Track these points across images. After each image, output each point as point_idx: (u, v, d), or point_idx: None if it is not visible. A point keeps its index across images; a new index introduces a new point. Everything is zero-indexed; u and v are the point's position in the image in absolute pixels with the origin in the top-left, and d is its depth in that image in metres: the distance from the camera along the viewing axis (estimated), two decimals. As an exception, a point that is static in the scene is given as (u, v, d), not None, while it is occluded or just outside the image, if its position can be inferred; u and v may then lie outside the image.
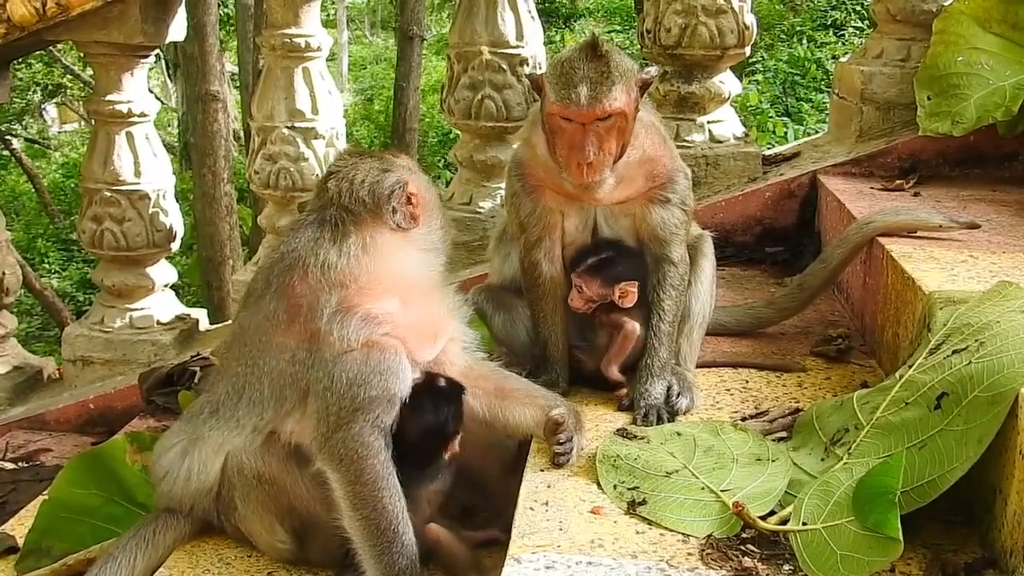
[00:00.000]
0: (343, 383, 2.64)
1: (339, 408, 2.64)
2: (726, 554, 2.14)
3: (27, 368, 5.23)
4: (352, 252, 2.71)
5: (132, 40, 4.70)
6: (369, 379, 2.64)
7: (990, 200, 3.93)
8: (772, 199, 4.53)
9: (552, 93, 2.83)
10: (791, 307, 3.58)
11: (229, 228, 12.63)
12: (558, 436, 2.63)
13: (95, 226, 4.99)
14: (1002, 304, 2.38)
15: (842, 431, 2.43)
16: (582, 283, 3.02)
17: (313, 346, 2.69)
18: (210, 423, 2.89)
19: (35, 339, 16.16)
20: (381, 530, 2.63)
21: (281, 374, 2.75)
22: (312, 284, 2.70)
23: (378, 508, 2.63)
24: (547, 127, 2.91)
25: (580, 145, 2.80)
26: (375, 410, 2.64)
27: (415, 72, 16.04)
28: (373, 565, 2.65)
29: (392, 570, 2.63)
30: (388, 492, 2.65)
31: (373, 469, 2.63)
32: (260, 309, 2.81)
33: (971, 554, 2.14)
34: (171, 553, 2.99)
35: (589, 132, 2.80)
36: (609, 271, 3.01)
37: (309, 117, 4.78)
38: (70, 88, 22.69)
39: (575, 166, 2.82)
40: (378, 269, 2.73)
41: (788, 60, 15.93)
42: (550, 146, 2.92)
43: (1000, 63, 4.02)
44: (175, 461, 2.94)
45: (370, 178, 2.79)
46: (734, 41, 4.56)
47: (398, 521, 2.65)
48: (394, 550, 2.63)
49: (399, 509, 2.66)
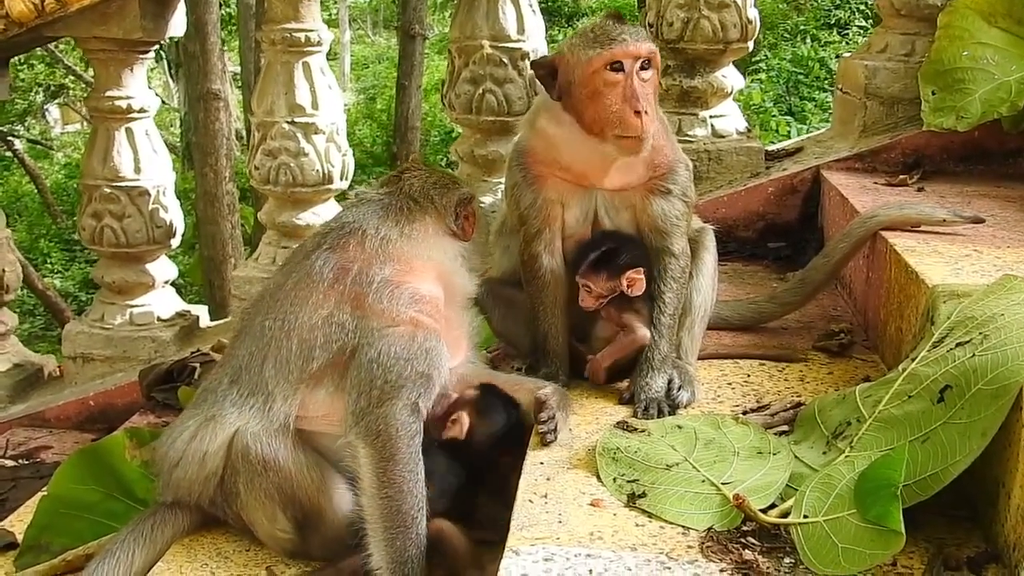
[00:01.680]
0: (390, 356, 2.67)
1: (384, 382, 2.66)
2: (726, 547, 2.12)
3: (27, 366, 5.22)
4: (412, 235, 2.87)
5: (131, 36, 4.69)
6: (416, 355, 2.68)
7: (994, 196, 3.90)
8: (775, 194, 4.51)
9: (591, 51, 2.85)
10: (793, 301, 3.56)
11: (231, 227, 12.64)
12: (540, 415, 2.66)
13: (95, 223, 4.98)
14: (1006, 297, 2.35)
15: (844, 424, 2.41)
16: (589, 282, 2.99)
17: (357, 312, 2.73)
18: (230, 395, 2.85)
19: (38, 339, 16.16)
20: (401, 513, 2.62)
21: (312, 331, 2.75)
22: (368, 251, 2.80)
23: (404, 490, 2.63)
24: (583, 94, 2.88)
25: (634, 94, 2.82)
26: (418, 389, 2.68)
27: (417, 71, 16.05)
28: (384, 549, 2.63)
29: (402, 556, 2.61)
30: (415, 476, 2.65)
31: (408, 449, 2.65)
32: (303, 267, 2.85)
33: (974, 548, 2.12)
34: (169, 547, 2.97)
35: (637, 82, 2.83)
36: (613, 262, 2.98)
37: (309, 112, 4.76)
38: (72, 89, 22.71)
39: (631, 116, 2.81)
40: (431, 258, 2.87)
41: (791, 59, 15.92)
42: (587, 116, 2.89)
43: (1005, 58, 3.99)
44: (185, 445, 2.87)
45: (443, 183, 3.01)
46: (737, 35, 4.54)
47: (418, 508, 2.65)
48: (408, 536, 2.62)
49: (421, 496, 2.66)
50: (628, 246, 3.02)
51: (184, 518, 3.00)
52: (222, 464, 2.81)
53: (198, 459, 2.83)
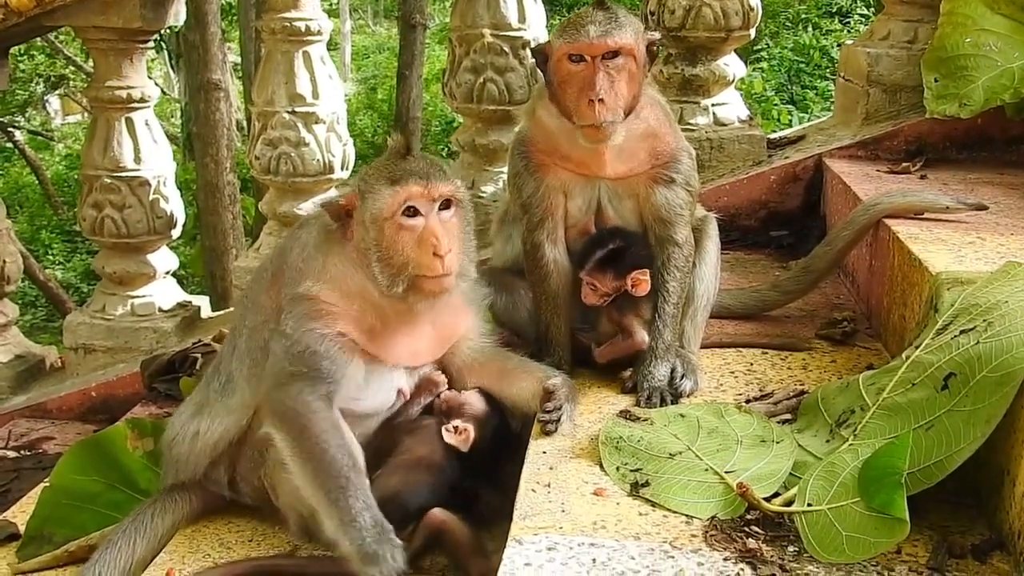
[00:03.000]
0: (284, 346, 2.75)
1: (281, 370, 2.74)
2: (730, 535, 2.11)
3: (29, 357, 5.22)
4: (321, 245, 2.83)
5: (131, 25, 4.68)
6: (309, 355, 2.72)
7: (997, 183, 3.88)
8: (777, 183, 4.49)
9: (560, 39, 2.88)
10: (796, 290, 3.55)
11: (232, 217, 12.63)
12: (546, 404, 2.68)
13: (95, 213, 4.97)
14: (1010, 284, 2.35)
15: (848, 412, 2.40)
16: (594, 281, 2.97)
17: (277, 315, 2.83)
18: (213, 383, 3.02)
19: (40, 330, 16.16)
20: (331, 477, 2.63)
21: (252, 332, 2.92)
22: (295, 262, 2.84)
23: (325, 459, 2.65)
24: (555, 82, 2.92)
25: (590, 83, 2.83)
26: (315, 381, 2.71)
27: (418, 61, 16.01)
28: (330, 517, 2.62)
29: (349, 515, 2.59)
30: (331, 444, 2.66)
31: (315, 424, 2.68)
32: (259, 268, 3.00)
33: (978, 536, 2.11)
34: (172, 536, 2.98)
35: (599, 70, 2.83)
36: (620, 261, 2.96)
37: (310, 102, 4.74)
38: (73, 79, 22.66)
39: (586, 105, 2.82)
40: (337, 267, 2.80)
41: (793, 48, 15.87)
42: (559, 104, 2.93)
43: (1008, 45, 3.97)
44: (186, 423, 3.03)
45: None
46: (739, 23, 4.52)
47: (348, 469, 2.64)
48: (348, 496, 2.61)
49: (346, 460, 2.66)
50: (635, 245, 3.00)
51: (185, 505, 3.03)
52: (223, 438, 2.93)
53: (190, 436, 2.99)
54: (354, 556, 2.56)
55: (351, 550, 2.56)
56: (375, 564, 2.53)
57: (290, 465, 2.71)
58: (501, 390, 2.95)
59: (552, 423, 2.63)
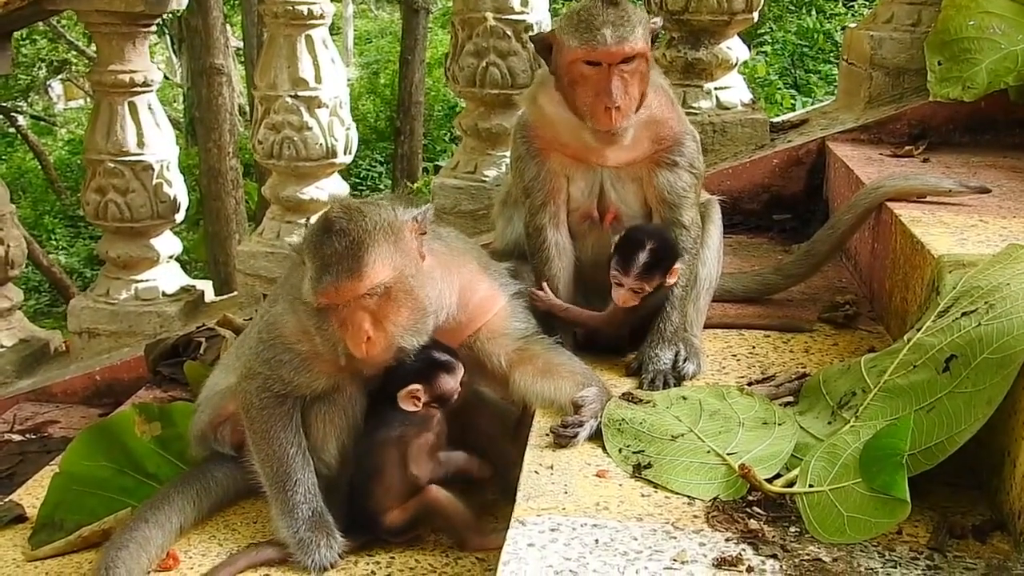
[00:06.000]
0: (253, 345, 2.90)
1: (249, 361, 2.89)
2: (732, 516, 2.13)
3: (33, 341, 5.24)
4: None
5: (133, 9, 4.69)
6: (272, 364, 2.82)
7: (1000, 166, 3.88)
8: (780, 166, 4.49)
9: (573, 40, 2.83)
10: (798, 273, 3.56)
11: (235, 202, 12.64)
12: (565, 419, 2.58)
13: (99, 198, 4.98)
14: (1012, 267, 2.35)
15: (849, 394, 2.41)
16: (643, 284, 2.91)
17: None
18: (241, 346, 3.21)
19: (43, 315, 16.18)
20: (274, 471, 2.82)
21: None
22: (288, 283, 2.90)
23: (269, 453, 2.83)
24: (565, 80, 2.90)
25: (606, 89, 2.80)
26: (271, 381, 2.82)
27: (420, 45, 15.99)
28: (272, 500, 2.83)
29: (287, 506, 2.78)
30: (280, 444, 2.82)
31: (266, 420, 2.83)
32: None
33: (979, 516, 2.13)
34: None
35: (614, 76, 2.81)
36: (661, 260, 2.93)
37: (312, 86, 4.75)
38: (75, 64, 22.62)
39: (602, 111, 2.82)
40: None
41: (796, 31, 15.79)
42: (569, 100, 2.91)
43: (1012, 27, 3.96)
44: (214, 377, 3.26)
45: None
46: (742, 6, 4.51)
47: (291, 468, 2.80)
48: (288, 488, 2.79)
49: (289, 458, 2.81)
50: (666, 240, 2.97)
51: (190, 506, 3.03)
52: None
53: (210, 386, 3.22)
54: (290, 543, 2.78)
55: (287, 536, 2.78)
56: (306, 553, 2.75)
57: (249, 446, 2.91)
58: (542, 388, 2.82)
59: (565, 439, 2.51)
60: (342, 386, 2.84)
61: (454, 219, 4.55)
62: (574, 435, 2.51)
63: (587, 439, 2.53)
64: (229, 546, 2.89)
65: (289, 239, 4.76)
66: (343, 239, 2.56)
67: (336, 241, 2.56)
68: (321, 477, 2.86)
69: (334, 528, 2.79)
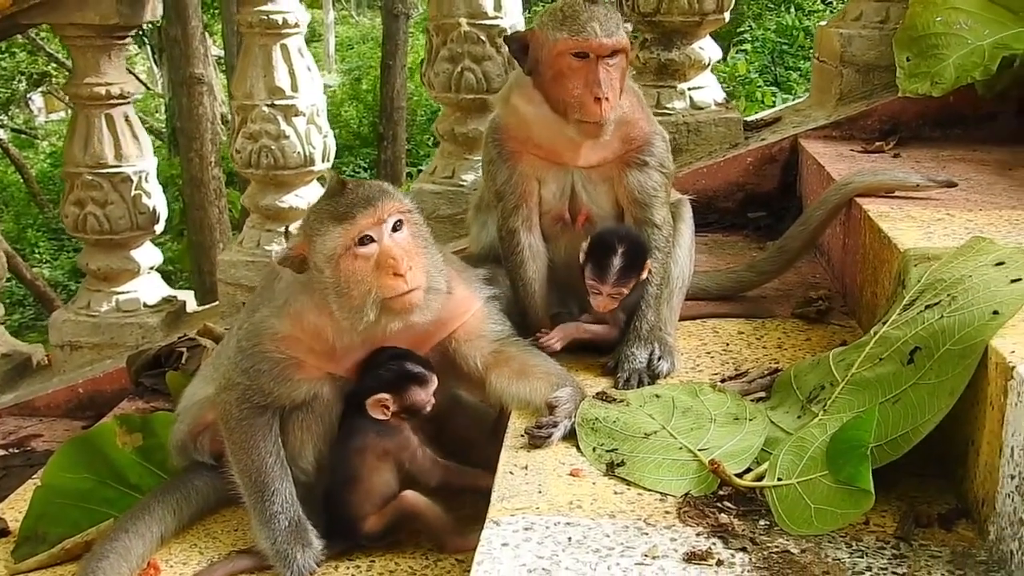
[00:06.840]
0: (232, 355, 2.90)
1: (227, 372, 2.90)
2: (703, 511, 2.16)
3: (15, 355, 5.24)
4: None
5: (108, 21, 4.69)
6: (251, 373, 2.83)
7: (969, 160, 3.93)
8: (754, 164, 4.53)
9: (561, 33, 2.87)
10: (771, 270, 3.59)
11: (218, 212, 12.60)
12: (540, 420, 2.60)
13: (78, 210, 4.98)
14: (975, 259, 2.39)
15: (818, 388, 2.45)
16: (622, 289, 2.97)
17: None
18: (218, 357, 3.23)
19: (28, 328, 16.10)
20: (253, 481, 2.85)
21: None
22: (275, 292, 2.91)
23: (246, 462, 2.86)
24: (548, 75, 2.92)
25: (596, 80, 2.85)
26: (250, 392, 2.83)
27: (401, 50, 16.00)
28: (251, 509, 2.86)
29: (265, 516, 2.82)
30: (258, 454, 2.84)
31: (242, 431, 2.85)
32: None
33: (945, 505, 2.17)
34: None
35: (601, 68, 2.85)
36: (636, 262, 2.98)
37: (289, 94, 4.76)
38: (55, 76, 22.52)
39: (592, 102, 2.85)
40: (298, 299, 2.83)
41: (776, 29, 15.85)
42: (551, 96, 2.94)
43: (978, 22, 4.00)
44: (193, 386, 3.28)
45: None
46: (713, 7, 4.54)
47: (269, 479, 2.83)
48: (265, 499, 2.82)
49: (273, 471, 2.84)
50: (635, 239, 3.01)
51: (171, 516, 3.06)
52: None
53: (188, 395, 3.24)
54: (268, 552, 2.82)
55: (265, 547, 2.82)
56: (284, 563, 2.79)
57: (228, 457, 2.92)
58: (517, 390, 2.84)
59: (539, 439, 2.53)
60: (319, 393, 2.85)
61: (433, 224, 4.53)
62: (548, 435, 2.53)
63: (562, 439, 2.55)
64: (210, 554, 2.91)
65: (269, 247, 4.79)
66: None
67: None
68: (299, 484, 2.88)
69: (313, 536, 2.82)
